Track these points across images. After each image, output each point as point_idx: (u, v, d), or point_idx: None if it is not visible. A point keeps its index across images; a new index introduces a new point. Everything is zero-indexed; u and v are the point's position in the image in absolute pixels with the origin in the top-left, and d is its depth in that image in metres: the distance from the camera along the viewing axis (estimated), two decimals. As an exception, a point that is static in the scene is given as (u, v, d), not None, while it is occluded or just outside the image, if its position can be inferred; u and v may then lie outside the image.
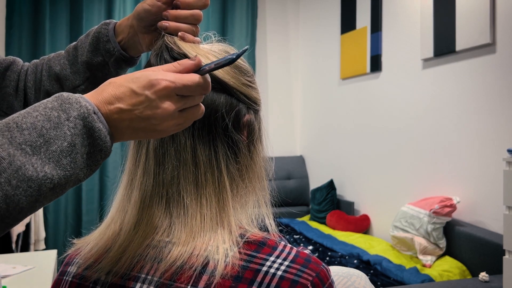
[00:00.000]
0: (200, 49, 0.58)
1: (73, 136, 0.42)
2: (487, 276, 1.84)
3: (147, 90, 0.44)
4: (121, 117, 0.45)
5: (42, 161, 0.41)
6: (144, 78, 0.45)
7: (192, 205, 0.52)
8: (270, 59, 4.34)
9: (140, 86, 0.45)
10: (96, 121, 0.43)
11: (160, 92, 0.45)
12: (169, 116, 0.46)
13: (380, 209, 3.13)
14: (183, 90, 0.46)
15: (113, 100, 0.45)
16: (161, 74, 0.45)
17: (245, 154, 0.57)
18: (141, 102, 0.44)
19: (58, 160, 0.41)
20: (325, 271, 0.50)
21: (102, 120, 0.44)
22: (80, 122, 0.42)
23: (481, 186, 2.30)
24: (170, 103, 0.45)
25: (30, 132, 0.41)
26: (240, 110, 0.57)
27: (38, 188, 0.40)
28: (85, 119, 0.43)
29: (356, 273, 0.82)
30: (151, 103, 0.45)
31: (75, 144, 0.42)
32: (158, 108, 0.45)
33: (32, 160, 0.40)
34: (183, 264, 0.48)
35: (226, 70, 0.56)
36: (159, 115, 0.45)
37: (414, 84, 2.79)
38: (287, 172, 4.05)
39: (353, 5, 3.40)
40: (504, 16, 2.16)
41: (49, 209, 3.49)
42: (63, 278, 0.56)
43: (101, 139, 0.44)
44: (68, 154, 0.42)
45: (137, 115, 0.45)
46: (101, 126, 0.44)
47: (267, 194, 0.59)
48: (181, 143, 0.54)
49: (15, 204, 0.39)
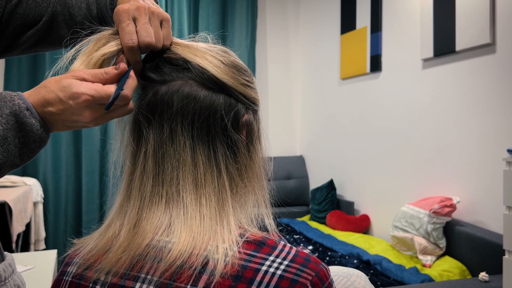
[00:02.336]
0: (198, 50, 0.58)
1: (5, 130, 0.49)
2: (487, 276, 1.84)
3: (71, 100, 0.51)
4: (53, 117, 0.52)
5: None
6: (69, 88, 0.51)
7: (191, 205, 0.52)
8: (270, 59, 4.34)
9: (66, 96, 0.51)
10: (28, 117, 0.50)
11: (81, 104, 0.52)
12: (93, 120, 0.54)
13: (380, 209, 3.13)
14: (103, 101, 0.53)
15: (45, 103, 0.52)
16: (84, 87, 0.52)
17: (244, 154, 0.57)
18: (67, 109, 0.52)
19: None
20: (325, 271, 0.50)
21: (35, 116, 0.51)
22: (12, 118, 0.49)
23: (481, 186, 2.30)
24: (91, 111, 0.53)
25: None
26: (239, 110, 0.57)
27: None
28: (17, 116, 0.49)
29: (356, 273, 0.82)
30: (75, 111, 0.52)
31: (6, 137, 0.49)
32: (81, 115, 0.52)
33: None
34: (183, 264, 0.48)
35: (224, 70, 0.56)
36: (84, 120, 0.53)
37: (414, 84, 2.79)
38: (287, 172, 4.05)
39: (353, 5, 3.40)
40: (504, 16, 2.16)
41: (49, 209, 3.49)
42: (63, 278, 0.56)
43: (33, 131, 0.51)
44: (0, 145, 0.49)
45: (66, 117, 0.52)
46: (33, 121, 0.50)
47: (267, 194, 0.59)
48: (180, 143, 0.54)
49: None
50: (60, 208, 3.54)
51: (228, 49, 0.61)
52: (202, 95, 0.55)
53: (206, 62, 0.56)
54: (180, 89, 0.55)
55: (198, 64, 0.56)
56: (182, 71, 0.56)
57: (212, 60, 0.57)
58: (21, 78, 3.46)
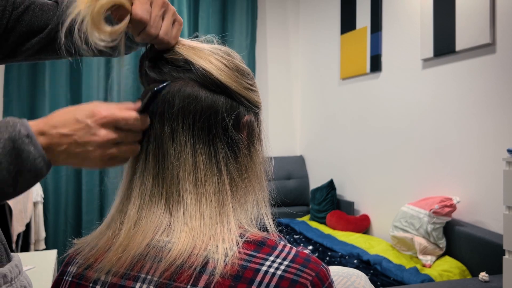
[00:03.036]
0: (203, 52, 0.58)
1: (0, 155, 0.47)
2: (487, 276, 1.84)
3: (88, 119, 0.50)
4: (61, 141, 0.50)
5: None
6: (87, 108, 0.51)
7: (192, 204, 0.52)
8: (270, 59, 4.33)
9: (83, 115, 0.51)
10: (27, 144, 0.48)
11: (99, 121, 0.51)
12: (104, 144, 0.51)
13: (380, 209, 3.13)
14: (121, 122, 0.52)
15: (58, 124, 0.50)
16: (104, 106, 0.51)
17: (245, 154, 0.57)
18: (81, 129, 0.50)
19: None
20: (325, 271, 0.50)
21: (35, 144, 0.49)
22: (10, 143, 0.47)
23: (481, 186, 2.30)
24: (107, 132, 0.51)
25: None
26: (241, 111, 0.57)
27: None
28: (15, 142, 0.48)
29: (356, 273, 0.82)
30: (90, 130, 0.51)
31: (1, 162, 0.47)
32: (95, 135, 0.51)
33: None
34: (182, 264, 0.48)
35: (228, 74, 0.56)
36: (95, 142, 0.51)
37: (414, 84, 2.79)
38: (287, 172, 4.05)
39: (353, 5, 3.40)
40: (504, 16, 2.16)
41: (49, 209, 3.49)
42: (63, 278, 0.56)
43: (29, 160, 0.48)
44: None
45: (75, 140, 0.50)
46: (31, 149, 0.48)
47: (266, 194, 0.59)
48: (181, 143, 0.54)
49: None
50: (60, 208, 3.54)
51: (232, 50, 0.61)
52: (204, 95, 0.55)
53: (210, 65, 0.56)
54: (182, 89, 0.55)
55: (202, 67, 0.55)
56: (183, 72, 0.56)
57: (216, 63, 0.57)
58: (21, 78, 3.46)
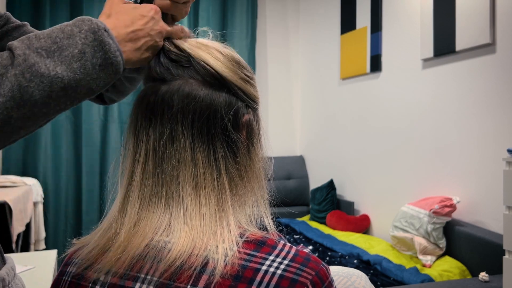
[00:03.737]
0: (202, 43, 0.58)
1: (83, 45, 0.49)
2: (487, 276, 1.84)
3: (150, 13, 0.57)
4: (136, 35, 0.55)
5: (54, 63, 0.47)
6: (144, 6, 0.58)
7: (191, 205, 0.52)
8: (270, 59, 4.33)
9: (145, 11, 0.57)
10: (106, 36, 0.51)
11: (158, 13, 0.58)
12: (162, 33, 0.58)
13: (380, 209, 3.13)
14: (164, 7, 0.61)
15: (128, 24, 0.55)
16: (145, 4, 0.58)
17: (244, 154, 0.57)
18: (150, 20, 0.57)
19: (69, 63, 0.48)
20: (325, 270, 0.50)
21: (113, 37, 0.51)
22: (91, 35, 0.50)
23: (481, 186, 2.30)
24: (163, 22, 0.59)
25: (46, 40, 0.48)
26: (239, 108, 0.57)
27: (50, 85, 0.47)
28: (95, 33, 0.50)
29: (356, 273, 0.82)
30: (156, 21, 0.57)
31: (85, 52, 0.49)
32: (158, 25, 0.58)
33: (46, 61, 0.47)
34: (182, 264, 0.48)
35: (225, 64, 0.56)
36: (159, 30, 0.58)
37: (414, 84, 2.79)
38: (287, 172, 4.05)
39: (353, 5, 3.40)
40: (504, 16, 2.16)
41: (49, 209, 3.49)
42: (62, 278, 0.56)
43: (111, 52, 0.51)
44: (78, 59, 0.49)
45: (150, 28, 0.56)
46: (110, 42, 0.51)
47: (266, 194, 0.59)
48: (180, 143, 0.54)
49: (28, 95, 0.46)
50: (60, 208, 3.54)
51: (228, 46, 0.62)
52: (202, 94, 0.55)
53: (208, 55, 0.56)
54: (181, 88, 0.55)
55: (200, 57, 0.56)
56: (182, 69, 0.56)
57: (214, 53, 0.57)
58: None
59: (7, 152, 3.41)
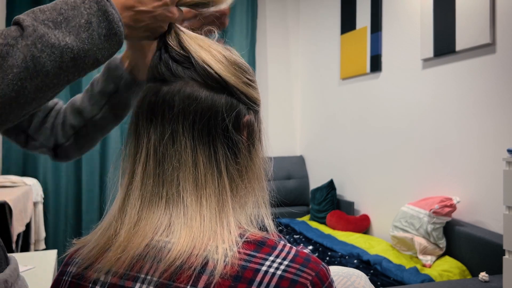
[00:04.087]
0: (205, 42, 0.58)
1: (89, 15, 0.49)
2: (487, 276, 1.84)
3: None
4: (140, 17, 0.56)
5: (63, 34, 0.47)
6: None
7: (192, 205, 0.52)
8: (270, 59, 4.33)
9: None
10: (109, 6, 0.51)
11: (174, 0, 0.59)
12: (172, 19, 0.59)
13: (380, 209, 3.13)
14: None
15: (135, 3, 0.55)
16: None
17: (245, 155, 0.57)
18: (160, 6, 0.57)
19: (78, 33, 0.48)
20: (325, 271, 0.50)
21: (115, 8, 0.52)
22: (94, 5, 0.50)
23: (481, 186, 2.30)
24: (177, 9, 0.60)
25: (51, 12, 0.48)
26: (240, 110, 0.57)
27: (60, 55, 0.47)
28: (99, 3, 0.50)
29: (356, 273, 0.82)
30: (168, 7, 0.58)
31: (91, 22, 0.49)
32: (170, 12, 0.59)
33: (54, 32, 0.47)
34: (182, 264, 0.48)
35: (227, 68, 0.56)
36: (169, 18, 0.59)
37: (414, 84, 2.79)
38: (287, 172, 4.05)
39: (353, 5, 3.40)
40: (504, 16, 2.16)
41: (49, 209, 3.49)
42: (62, 278, 0.56)
43: (115, 22, 0.51)
44: (85, 29, 0.49)
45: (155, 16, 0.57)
46: (113, 11, 0.51)
47: (266, 195, 0.59)
48: (181, 144, 0.54)
49: (41, 65, 0.46)
50: (60, 208, 3.54)
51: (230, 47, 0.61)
52: (204, 95, 0.55)
53: (210, 57, 0.56)
54: (182, 89, 0.55)
55: (203, 60, 0.55)
56: (184, 70, 0.56)
57: (216, 55, 0.56)
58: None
59: (7, 152, 3.41)
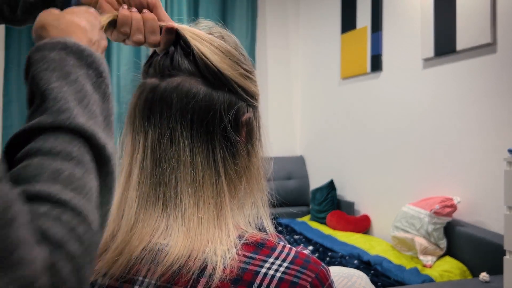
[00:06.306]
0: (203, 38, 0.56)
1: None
2: (487, 277, 1.84)
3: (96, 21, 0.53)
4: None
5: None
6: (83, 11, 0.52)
7: (189, 208, 0.51)
8: (270, 59, 4.33)
9: (91, 18, 0.51)
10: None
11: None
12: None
13: (381, 209, 3.13)
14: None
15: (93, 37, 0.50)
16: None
17: (243, 155, 0.56)
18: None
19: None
20: (325, 272, 0.49)
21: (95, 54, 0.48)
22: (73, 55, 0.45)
23: (482, 186, 2.29)
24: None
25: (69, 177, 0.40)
26: (239, 108, 0.56)
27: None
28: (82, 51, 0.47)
29: (356, 273, 0.81)
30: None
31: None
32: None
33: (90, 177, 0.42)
34: (180, 267, 0.47)
35: (222, 59, 0.54)
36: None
37: (415, 84, 2.78)
38: (287, 172, 4.05)
39: (354, 4, 3.39)
40: (504, 15, 2.16)
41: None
42: (60, 280, 0.55)
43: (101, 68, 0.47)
44: (105, 100, 0.46)
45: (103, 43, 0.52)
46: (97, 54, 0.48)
47: (265, 196, 0.58)
48: (179, 144, 0.53)
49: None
50: (60, 208, 3.54)
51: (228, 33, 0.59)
52: (202, 93, 0.53)
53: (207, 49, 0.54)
54: (180, 86, 0.53)
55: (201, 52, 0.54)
56: (181, 63, 0.54)
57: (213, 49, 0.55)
58: (20, 78, 3.46)
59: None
